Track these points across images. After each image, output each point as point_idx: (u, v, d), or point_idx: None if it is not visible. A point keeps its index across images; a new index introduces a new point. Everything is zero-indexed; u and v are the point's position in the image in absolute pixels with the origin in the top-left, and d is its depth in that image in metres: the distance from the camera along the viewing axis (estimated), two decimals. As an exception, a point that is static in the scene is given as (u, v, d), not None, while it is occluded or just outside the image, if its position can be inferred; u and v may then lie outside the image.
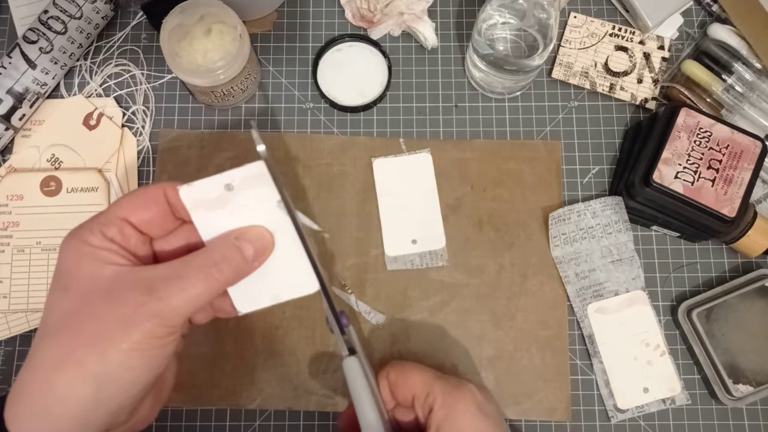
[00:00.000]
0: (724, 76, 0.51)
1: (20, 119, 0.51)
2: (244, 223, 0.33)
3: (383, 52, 0.54)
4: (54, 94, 0.53)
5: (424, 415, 0.37)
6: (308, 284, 0.34)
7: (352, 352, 0.37)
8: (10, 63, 0.50)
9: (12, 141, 0.52)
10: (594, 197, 0.52)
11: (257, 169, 0.32)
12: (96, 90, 0.54)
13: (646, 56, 0.54)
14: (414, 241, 0.50)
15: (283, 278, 0.34)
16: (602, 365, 0.48)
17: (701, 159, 0.47)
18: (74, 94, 0.54)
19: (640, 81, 0.54)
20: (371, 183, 0.52)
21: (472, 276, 0.50)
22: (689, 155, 0.47)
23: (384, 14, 0.54)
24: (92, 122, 0.53)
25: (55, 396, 0.29)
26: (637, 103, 0.54)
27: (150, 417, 0.35)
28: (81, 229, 0.32)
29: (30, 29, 0.50)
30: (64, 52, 0.51)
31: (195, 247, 0.33)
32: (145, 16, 0.55)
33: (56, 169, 0.52)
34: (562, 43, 0.55)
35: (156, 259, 0.34)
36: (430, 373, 0.39)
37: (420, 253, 0.50)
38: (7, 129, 0.50)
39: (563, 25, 0.55)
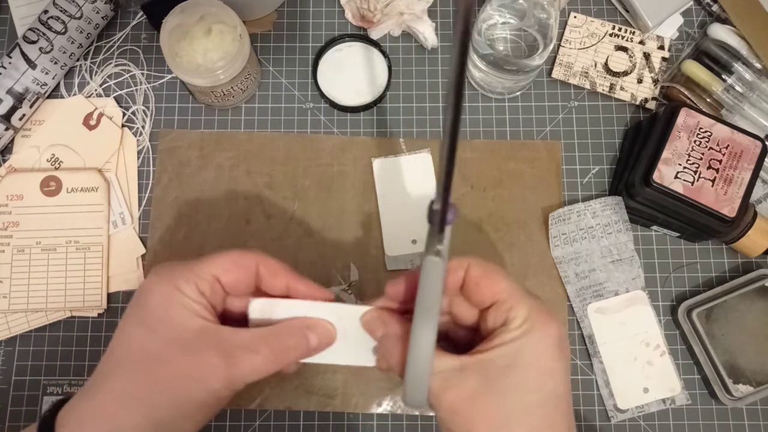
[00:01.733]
0: (724, 76, 0.51)
1: (20, 119, 0.51)
2: (302, 309, 0.36)
3: (383, 52, 0.54)
4: (54, 94, 0.53)
5: (494, 324, 0.33)
6: (366, 359, 0.36)
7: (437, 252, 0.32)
8: (10, 63, 0.50)
9: (12, 141, 0.52)
10: (594, 197, 0.52)
11: None
12: (96, 90, 0.54)
13: (646, 56, 0.54)
14: (414, 241, 0.50)
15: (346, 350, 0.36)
16: (602, 365, 0.48)
17: (701, 159, 0.47)
18: (74, 94, 0.54)
19: (640, 81, 0.54)
20: (371, 183, 0.52)
21: (472, 276, 0.50)
22: (689, 155, 0.47)
23: (384, 14, 0.54)
24: (92, 122, 0.53)
25: (114, 425, 0.31)
26: (637, 103, 0.54)
27: None
28: (176, 276, 0.34)
29: (30, 29, 0.50)
30: (64, 52, 0.51)
31: None
32: (145, 16, 0.55)
33: (56, 169, 0.52)
34: (562, 43, 0.55)
35: (226, 313, 0.37)
36: (521, 286, 0.34)
37: (420, 253, 0.50)
38: (7, 129, 0.50)
39: (563, 25, 0.55)
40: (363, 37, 0.54)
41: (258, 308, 0.36)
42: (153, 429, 0.31)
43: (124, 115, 0.53)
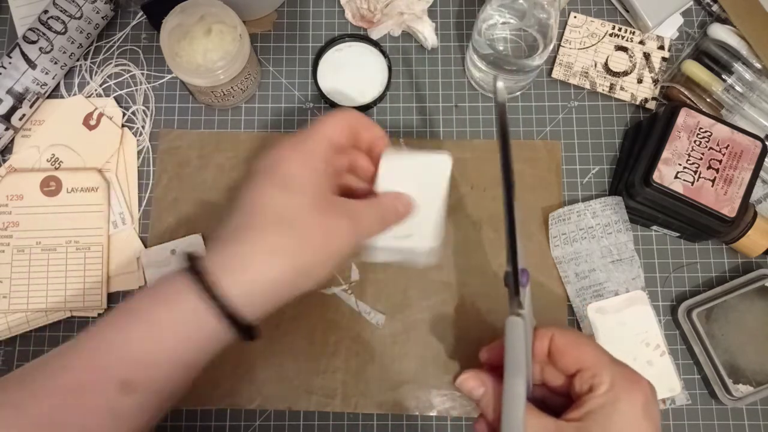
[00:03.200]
0: (724, 76, 0.51)
1: (20, 119, 0.51)
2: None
3: (383, 52, 0.54)
4: (54, 94, 0.53)
5: (581, 390, 0.36)
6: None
7: (518, 309, 0.35)
8: (10, 63, 0.50)
9: (12, 141, 0.52)
10: (594, 197, 0.52)
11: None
12: (96, 90, 0.54)
13: (646, 56, 0.54)
14: (405, 236, 0.43)
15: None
16: (602, 365, 0.48)
17: (701, 159, 0.47)
18: (74, 94, 0.54)
19: (640, 81, 0.54)
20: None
21: (472, 276, 0.50)
22: (689, 155, 0.47)
23: (384, 14, 0.54)
24: (92, 122, 0.53)
25: (272, 275, 0.35)
26: (637, 103, 0.54)
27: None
28: (307, 150, 0.37)
29: (30, 29, 0.50)
30: (64, 52, 0.51)
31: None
32: (145, 16, 0.55)
33: (56, 169, 0.52)
34: (562, 43, 0.55)
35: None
36: (605, 354, 0.37)
37: (405, 248, 0.43)
38: (7, 129, 0.50)
39: (563, 25, 0.55)
40: (363, 37, 0.54)
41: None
42: (296, 276, 0.35)
43: (124, 115, 0.53)
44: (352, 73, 0.54)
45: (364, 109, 0.53)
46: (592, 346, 0.37)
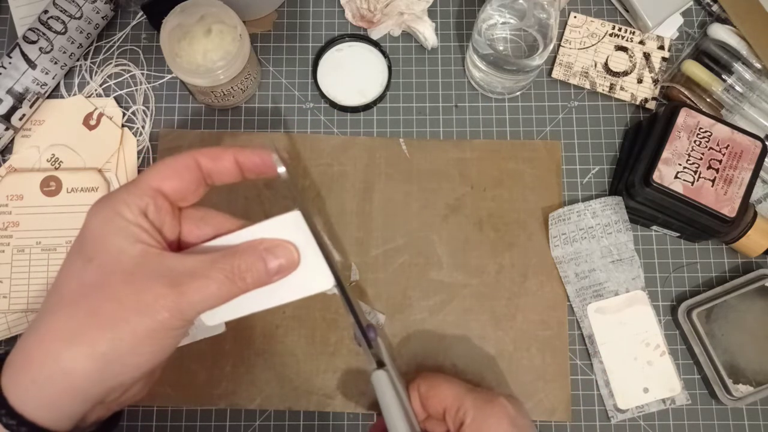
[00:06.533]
0: (724, 76, 0.51)
1: (20, 119, 0.51)
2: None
3: (383, 52, 0.54)
4: (54, 94, 0.53)
5: (455, 428, 0.38)
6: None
7: (380, 365, 0.37)
8: (10, 63, 0.50)
9: (12, 141, 0.52)
10: (594, 197, 0.52)
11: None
12: (96, 90, 0.54)
13: (646, 56, 0.54)
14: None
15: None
16: (602, 365, 0.48)
17: (701, 159, 0.47)
18: (74, 94, 0.54)
19: (640, 81, 0.54)
20: (371, 183, 0.52)
21: (472, 276, 0.50)
22: (689, 155, 0.47)
23: (384, 14, 0.54)
24: (92, 122, 0.53)
25: (60, 369, 0.29)
26: (637, 103, 0.54)
27: (140, 395, 0.35)
28: (115, 201, 0.31)
29: (30, 29, 0.50)
30: (64, 52, 0.51)
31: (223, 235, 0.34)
32: (145, 16, 0.55)
33: (56, 169, 0.52)
34: (562, 43, 0.55)
35: (181, 245, 0.34)
36: (461, 386, 0.39)
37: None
38: (7, 129, 0.50)
39: (563, 25, 0.55)
40: (363, 37, 0.54)
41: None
42: (103, 370, 0.29)
43: (124, 115, 0.53)
44: (352, 73, 0.54)
45: (364, 109, 0.53)
46: (449, 383, 0.39)
